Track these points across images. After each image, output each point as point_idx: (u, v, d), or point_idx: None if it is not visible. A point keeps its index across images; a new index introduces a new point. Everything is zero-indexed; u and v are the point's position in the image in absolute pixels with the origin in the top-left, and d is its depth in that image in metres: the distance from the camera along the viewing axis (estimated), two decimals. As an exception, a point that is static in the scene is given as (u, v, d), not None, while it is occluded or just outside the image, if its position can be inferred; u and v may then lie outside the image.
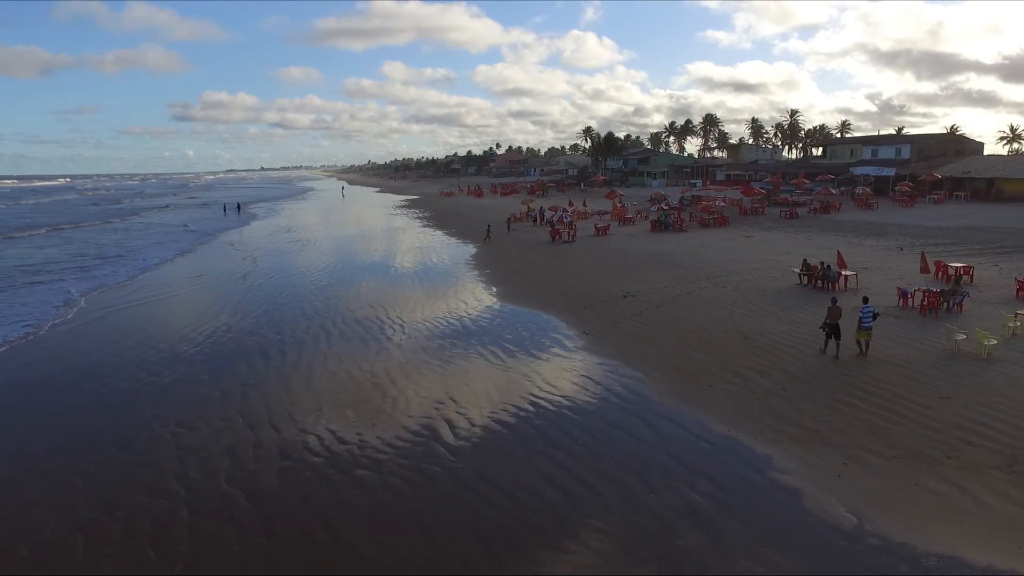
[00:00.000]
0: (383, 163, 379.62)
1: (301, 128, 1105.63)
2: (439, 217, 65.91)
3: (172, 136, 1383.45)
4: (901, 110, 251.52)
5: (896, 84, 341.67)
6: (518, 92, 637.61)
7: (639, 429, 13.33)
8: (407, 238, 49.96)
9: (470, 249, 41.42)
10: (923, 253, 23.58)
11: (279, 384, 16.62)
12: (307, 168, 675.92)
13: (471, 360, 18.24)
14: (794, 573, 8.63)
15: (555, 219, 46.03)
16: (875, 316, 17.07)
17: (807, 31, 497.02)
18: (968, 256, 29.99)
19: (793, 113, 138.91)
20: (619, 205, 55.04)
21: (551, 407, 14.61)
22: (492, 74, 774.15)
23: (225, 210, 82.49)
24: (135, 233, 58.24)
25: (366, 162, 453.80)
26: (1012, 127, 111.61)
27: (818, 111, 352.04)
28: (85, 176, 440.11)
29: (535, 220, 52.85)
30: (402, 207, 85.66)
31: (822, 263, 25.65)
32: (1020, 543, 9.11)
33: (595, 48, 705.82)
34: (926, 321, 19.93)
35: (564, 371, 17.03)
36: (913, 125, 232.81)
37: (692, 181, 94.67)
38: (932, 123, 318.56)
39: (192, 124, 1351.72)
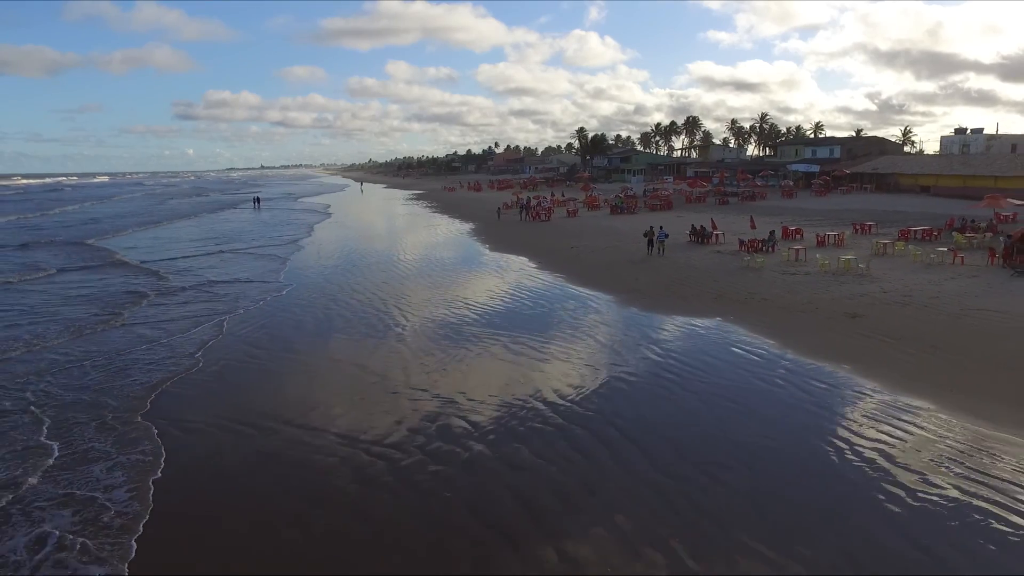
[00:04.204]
0: (384, 161, 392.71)
1: (303, 127, 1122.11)
2: (444, 207, 79.40)
3: (174, 135, 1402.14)
4: (901, 109, 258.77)
5: (896, 83, 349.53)
6: (520, 91, 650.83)
7: (557, 296, 26.81)
8: (422, 219, 63.82)
9: (470, 225, 55.01)
10: (751, 216, 36.98)
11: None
12: (307, 167, 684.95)
13: (475, 277, 31.71)
14: (603, 329, 21.98)
15: (535, 205, 59.46)
16: (667, 236, 32.99)
17: (807, 31, 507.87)
18: (820, 227, 43.30)
19: (763, 116, 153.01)
20: (590, 195, 68.48)
21: (518, 287, 28.07)
22: (495, 73, 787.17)
23: (254, 203, 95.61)
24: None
25: (367, 161, 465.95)
26: (959, 129, 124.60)
27: (818, 110, 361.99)
28: (113, 173, 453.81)
29: (523, 208, 66.14)
30: (411, 199, 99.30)
31: (701, 226, 39.06)
32: (699, 315, 22.49)
33: (598, 47, 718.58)
34: (750, 257, 33.29)
35: (522, 275, 30.52)
36: (913, 124, 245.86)
37: (665, 177, 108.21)
38: (932, 122, 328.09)
39: (195, 123, 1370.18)
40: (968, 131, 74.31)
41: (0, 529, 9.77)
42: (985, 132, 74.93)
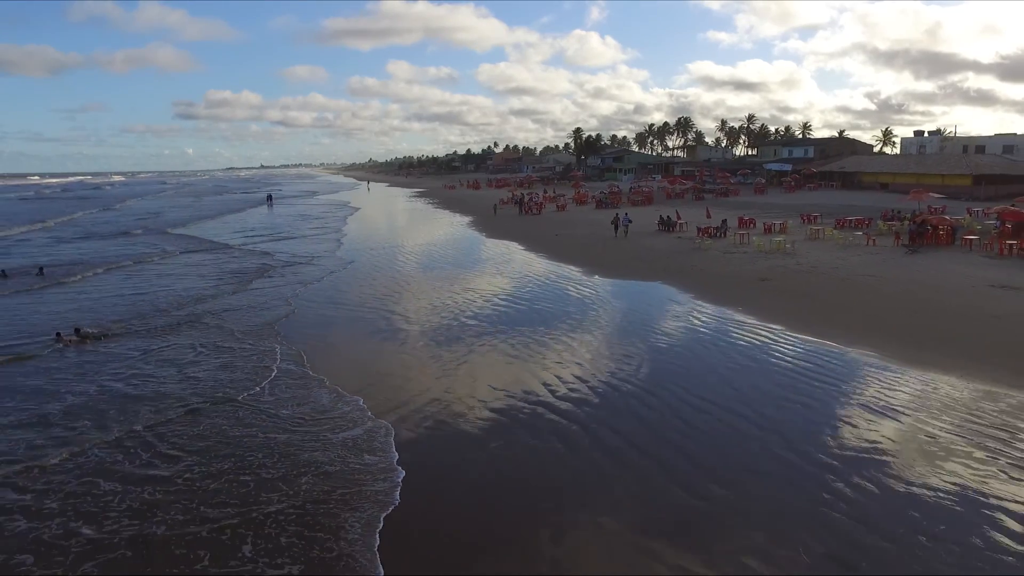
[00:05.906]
0: (384, 161, 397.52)
1: (303, 126, 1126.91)
2: (445, 203, 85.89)
3: (174, 134, 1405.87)
4: (900, 108, 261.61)
5: (895, 83, 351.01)
6: (520, 91, 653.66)
7: (538, 269, 33.21)
8: (426, 213, 70.51)
9: (469, 218, 61.53)
10: (707, 207, 43.38)
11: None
12: (307, 166, 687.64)
13: (475, 255, 38.14)
14: (567, 289, 28.32)
15: (528, 200, 65.89)
16: (630, 221, 38.97)
17: (807, 31, 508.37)
18: (779, 219, 49.70)
19: (750, 117, 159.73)
20: (579, 192, 74.88)
21: (508, 263, 34.46)
22: (495, 73, 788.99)
23: (267, 201, 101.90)
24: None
25: (367, 160, 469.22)
26: (939, 129, 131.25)
27: (817, 109, 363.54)
28: (124, 172, 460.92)
29: (518, 204, 72.47)
30: (415, 196, 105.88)
31: (668, 216, 45.48)
32: (644, 279, 28.84)
33: (598, 47, 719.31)
34: (700, 240, 39.64)
35: (512, 255, 36.96)
36: (912, 123, 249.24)
37: (654, 175, 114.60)
38: (931, 121, 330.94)
39: (196, 122, 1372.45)
40: (926, 133, 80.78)
41: (244, 373, 17.46)
42: (945, 132, 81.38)
